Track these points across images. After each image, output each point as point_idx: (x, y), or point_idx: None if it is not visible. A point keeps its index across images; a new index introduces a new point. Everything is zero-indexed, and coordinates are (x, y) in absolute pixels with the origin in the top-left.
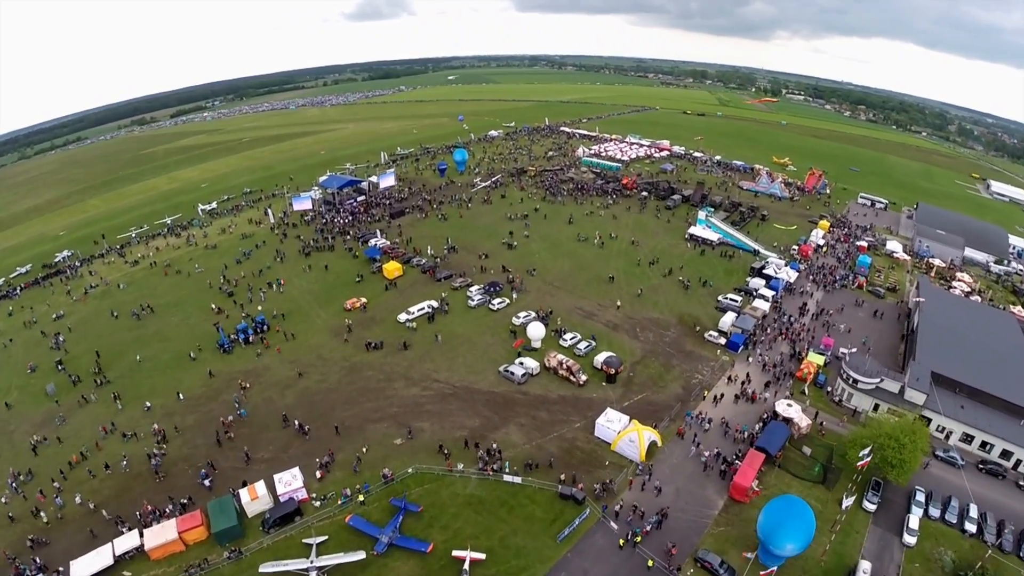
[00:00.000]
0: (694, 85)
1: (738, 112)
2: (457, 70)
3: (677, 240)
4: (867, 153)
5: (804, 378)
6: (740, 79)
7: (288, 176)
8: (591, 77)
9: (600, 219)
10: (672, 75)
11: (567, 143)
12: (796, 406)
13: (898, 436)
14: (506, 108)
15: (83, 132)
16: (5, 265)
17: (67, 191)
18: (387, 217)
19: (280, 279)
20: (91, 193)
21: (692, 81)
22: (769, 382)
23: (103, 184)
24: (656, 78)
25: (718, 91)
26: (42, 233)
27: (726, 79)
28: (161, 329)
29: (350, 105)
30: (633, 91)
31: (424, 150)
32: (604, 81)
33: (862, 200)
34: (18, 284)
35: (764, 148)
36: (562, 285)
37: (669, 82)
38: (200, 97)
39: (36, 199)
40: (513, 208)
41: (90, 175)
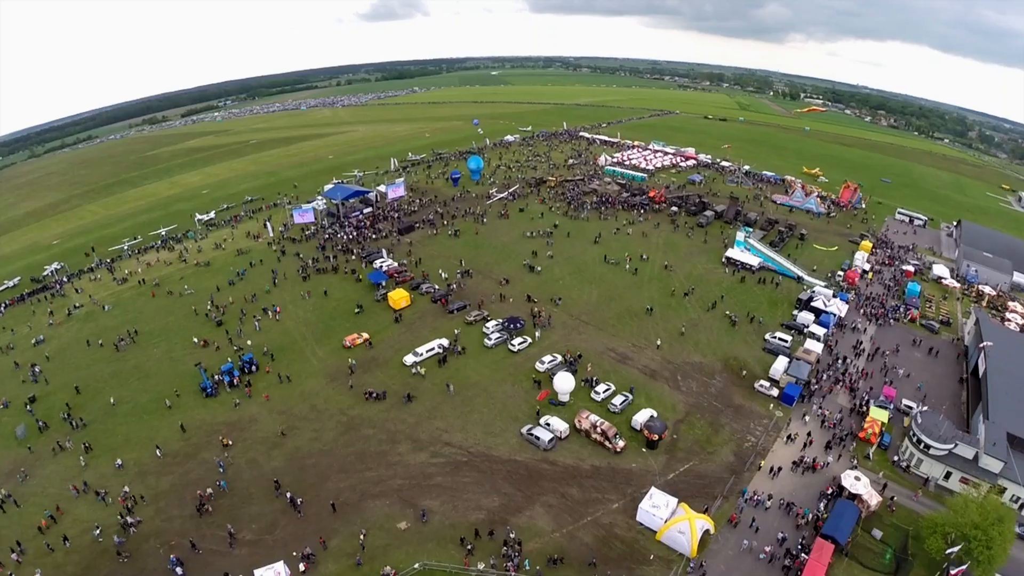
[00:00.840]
0: (711, 88)
1: (760, 117)
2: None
3: (714, 264)
4: (894, 162)
5: (868, 439)
6: (757, 82)
7: (292, 183)
8: (606, 79)
9: (628, 238)
10: (688, 78)
11: (587, 150)
12: (864, 479)
13: (986, 528)
14: (521, 111)
15: (94, 131)
16: None
17: (68, 194)
18: (395, 233)
19: (275, 306)
20: (91, 197)
21: (709, 84)
22: (830, 443)
23: (104, 188)
24: (672, 81)
25: (736, 95)
26: (36, 241)
27: (743, 82)
28: (141, 364)
29: (362, 106)
30: (650, 94)
31: (436, 156)
32: (620, 83)
33: (900, 216)
34: (3, 300)
35: (791, 157)
36: (591, 319)
37: (686, 85)
38: (213, 96)
39: (37, 202)
40: (533, 224)
41: (94, 177)
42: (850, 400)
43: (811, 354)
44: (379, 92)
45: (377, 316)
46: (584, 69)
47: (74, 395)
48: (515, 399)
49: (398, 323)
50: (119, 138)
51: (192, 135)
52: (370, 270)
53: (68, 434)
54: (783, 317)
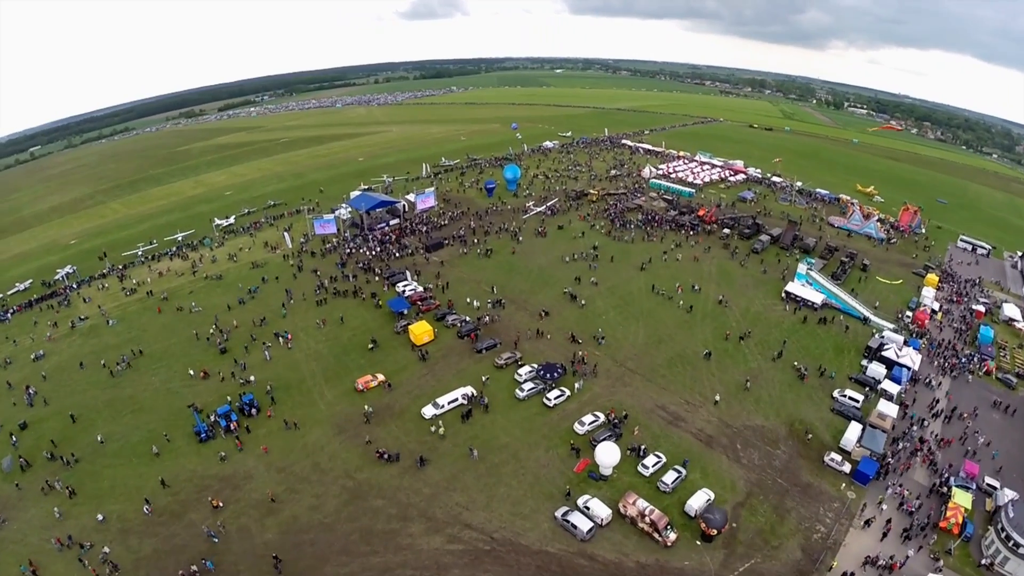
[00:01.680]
0: (753, 95)
1: (805, 127)
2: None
3: (772, 299)
4: (947, 180)
5: (950, 530)
6: (799, 90)
7: (319, 187)
8: (647, 83)
9: (677, 265)
10: (729, 83)
11: (631, 159)
12: None
13: None
14: (561, 115)
15: (132, 122)
16: (8, 277)
17: (94, 189)
18: (422, 250)
19: (287, 332)
20: (116, 194)
21: (751, 90)
22: (908, 532)
23: (130, 185)
24: (713, 86)
25: (779, 102)
26: (54, 240)
27: (785, 89)
28: (137, 394)
29: (397, 105)
30: (692, 100)
31: (471, 162)
32: (660, 88)
33: (962, 243)
34: (12, 305)
35: (842, 172)
36: (638, 365)
37: (727, 91)
38: (251, 91)
39: (62, 196)
40: (574, 244)
41: (122, 172)
42: (929, 477)
43: (886, 419)
44: (416, 91)
45: (395, 352)
46: (624, 72)
47: (66, 424)
48: (549, 469)
49: (419, 361)
50: (154, 131)
51: (225, 130)
52: (391, 295)
53: (58, 472)
54: (851, 367)
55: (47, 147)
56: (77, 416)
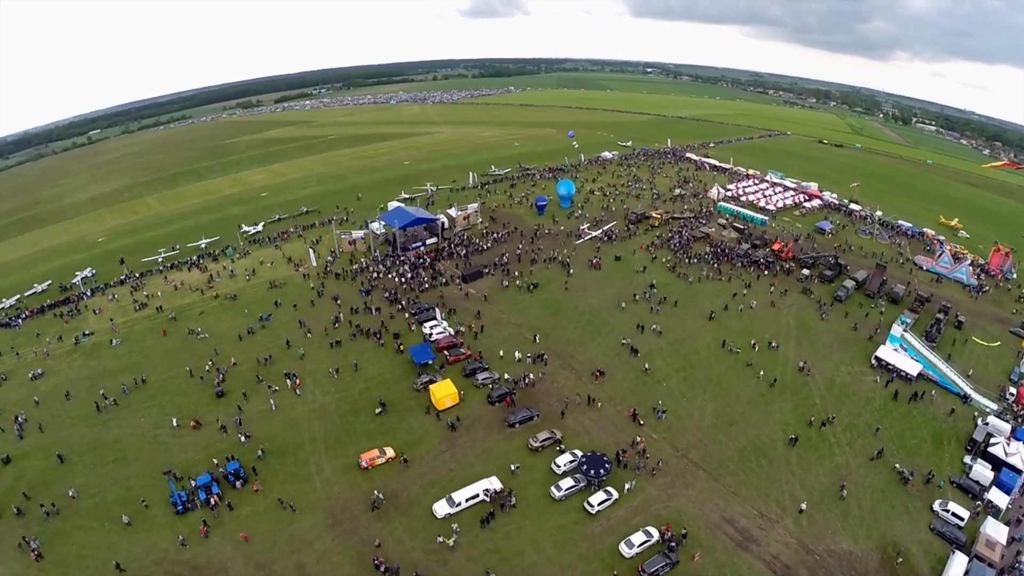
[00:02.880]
0: (818, 106)
1: (876, 144)
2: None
3: (860, 364)
4: None
5: None
6: (864, 102)
7: (357, 193)
8: (708, 90)
9: (751, 314)
10: (793, 93)
11: (695, 176)
12: None
13: None
14: (620, 121)
15: (190, 110)
16: (29, 276)
17: (135, 181)
18: (458, 278)
19: (295, 375)
20: (154, 188)
21: (816, 101)
22: None
23: (170, 178)
24: (777, 95)
25: (846, 115)
26: (84, 236)
27: (850, 101)
28: (123, 438)
29: (452, 104)
30: (756, 110)
31: (523, 172)
32: (723, 95)
33: None
34: (27, 308)
35: (921, 199)
36: (703, 457)
37: (792, 101)
38: (309, 83)
39: (104, 186)
40: (634, 281)
41: (167, 163)
42: None
43: (995, 548)
44: (473, 90)
45: (410, 418)
46: (685, 77)
47: (50, 465)
48: None
49: (439, 431)
50: (209, 120)
51: (276, 124)
52: (416, 338)
53: (43, 523)
54: (951, 464)
55: (106, 131)
56: (68, 455)
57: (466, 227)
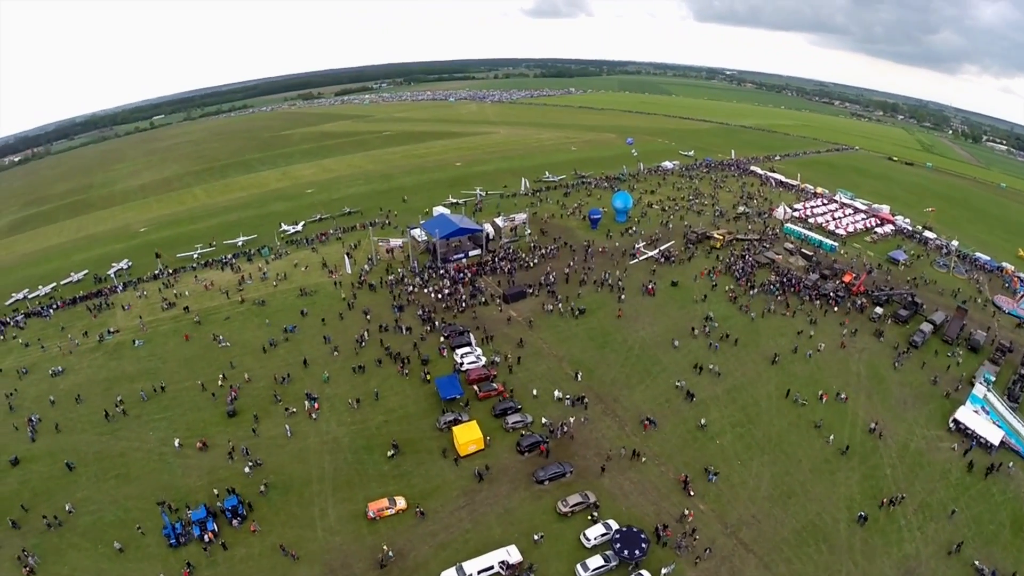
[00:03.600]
0: (885, 119)
1: (947, 163)
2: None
3: (935, 426)
4: None
5: None
6: (933, 117)
7: (403, 195)
8: (773, 98)
9: (819, 357)
10: (859, 104)
11: (760, 192)
12: None
13: None
14: (682, 128)
15: (251, 100)
16: (68, 264)
17: (187, 170)
18: (499, 298)
19: (315, 398)
20: (204, 178)
21: (883, 114)
22: None
23: (220, 169)
24: (843, 107)
25: (914, 130)
26: (127, 225)
27: (918, 116)
28: (128, 452)
29: (511, 104)
30: (822, 121)
31: (578, 179)
32: (788, 104)
33: None
34: (60, 298)
35: (997, 228)
36: (755, 538)
37: (858, 113)
38: (372, 77)
39: (156, 174)
40: (689, 312)
41: (220, 153)
42: None
43: None
44: (534, 90)
45: (428, 462)
46: (749, 85)
47: (58, 472)
48: None
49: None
50: (269, 111)
51: (333, 117)
52: (446, 366)
53: (42, 536)
54: None
55: (169, 117)
56: (62, 468)
57: (513, 239)
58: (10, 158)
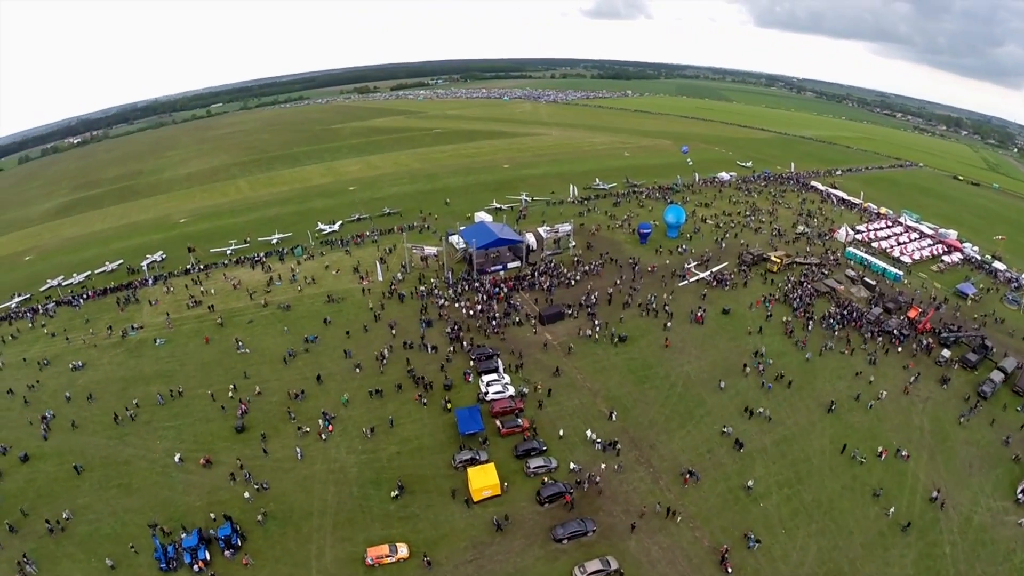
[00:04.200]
0: (948, 134)
1: (1013, 185)
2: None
3: (1004, 497)
4: None
5: None
6: (997, 134)
7: (446, 197)
8: (833, 108)
9: (880, 407)
10: (921, 118)
11: (820, 208)
12: None
13: None
14: (740, 137)
15: (308, 92)
16: (106, 251)
17: (235, 160)
18: (535, 318)
19: (329, 419)
20: (250, 170)
21: (945, 129)
22: None
23: (267, 161)
24: (905, 119)
25: (979, 147)
26: (168, 215)
27: (983, 132)
28: (133, 460)
29: (565, 105)
30: (884, 134)
31: (630, 187)
32: (848, 115)
33: None
34: (91, 288)
35: None
36: None
37: (921, 127)
38: (429, 73)
39: (204, 163)
40: (740, 344)
41: (269, 145)
42: None
43: None
44: (590, 91)
45: (438, 505)
46: (808, 93)
47: (65, 474)
48: None
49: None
50: (324, 103)
51: (385, 112)
52: (469, 394)
53: (39, 540)
54: None
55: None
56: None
57: (555, 251)
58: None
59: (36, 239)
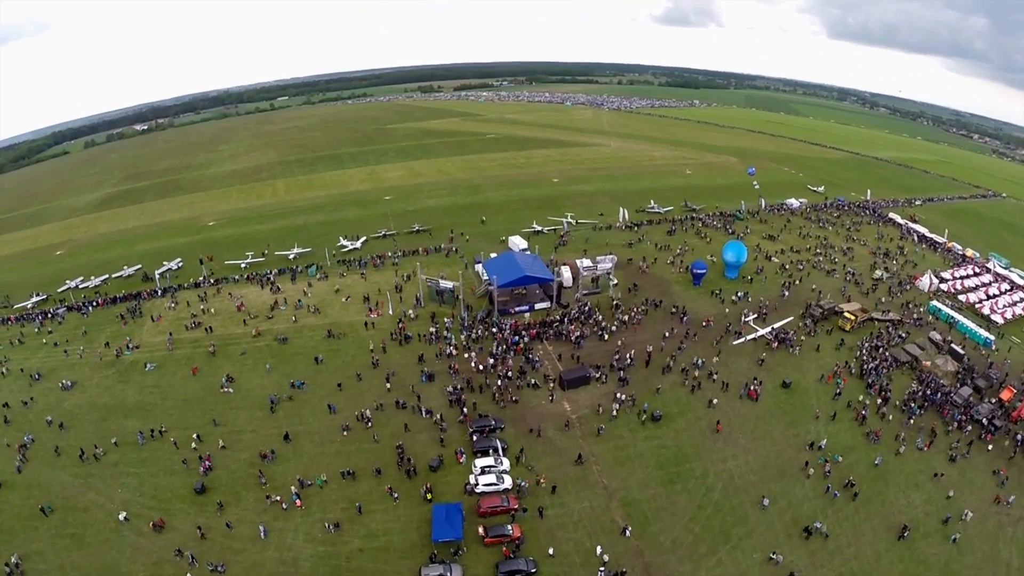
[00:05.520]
0: None
1: None
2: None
3: None
4: None
5: None
6: None
7: (483, 215)
8: (907, 126)
9: (966, 530)
10: (999, 139)
11: (900, 246)
12: None
13: None
14: (810, 156)
15: (373, 89)
16: (129, 253)
17: (281, 158)
18: (555, 381)
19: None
20: (292, 170)
21: None
22: None
23: (311, 162)
24: (983, 141)
25: None
26: (200, 216)
27: None
28: (91, 507)
29: (628, 113)
30: (962, 157)
31: (687, 212)
32: (924, 135)
33: None
34: (105, 294)
35: None
36: None
37: (999, 150)
38: (495, 74)
39: (250, 160)
40: (801, 432)
41: (317, 144)
42: None
43: None
44: (656, 99)
45: None
46: (882, 109)
47: (29, 515)
48: None
49: None
50: (386, 100)
51: (443, 113)
52: (461, 475)
53: None
54: None
55: (292, 99)
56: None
57: (592, 291)
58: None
59: (72, 232)
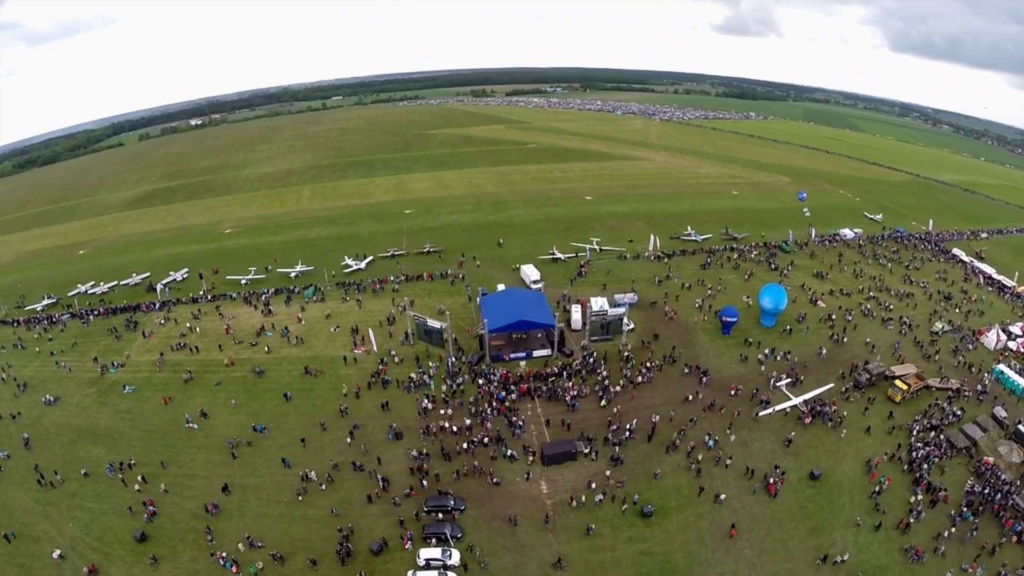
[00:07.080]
0: None
1: None
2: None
3: None
4: None
5: None
6: None
7: (501, 236)
8: (971, 146)
9: None
10: None
11: (964, 289)
12: None
13: None
14: (868, 178)
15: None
16: (142, 259)
17: (315, 163)
18: (534, 453)
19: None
20: (322, 176)
21: None
22: None
23: (343, 167)
24: None
25: None
26: (219, 222)
27: None
28: (42, 538)
29: (679, 124)
30: None
31: (729, 241)
32: (988, 155)
33: None
34: (109, 302)
35: None
36: None
37: None
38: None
39: (283, 164)
40: (827, 541)
41: (355, 148)
42: None
43: None
44: (710, 110)
45: None
46: (945, 126)
47: None
48: None
49: None
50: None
51: (487, 119)
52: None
53: None
54: None
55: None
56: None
57: (602, 337)
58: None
59: (100, 231)
